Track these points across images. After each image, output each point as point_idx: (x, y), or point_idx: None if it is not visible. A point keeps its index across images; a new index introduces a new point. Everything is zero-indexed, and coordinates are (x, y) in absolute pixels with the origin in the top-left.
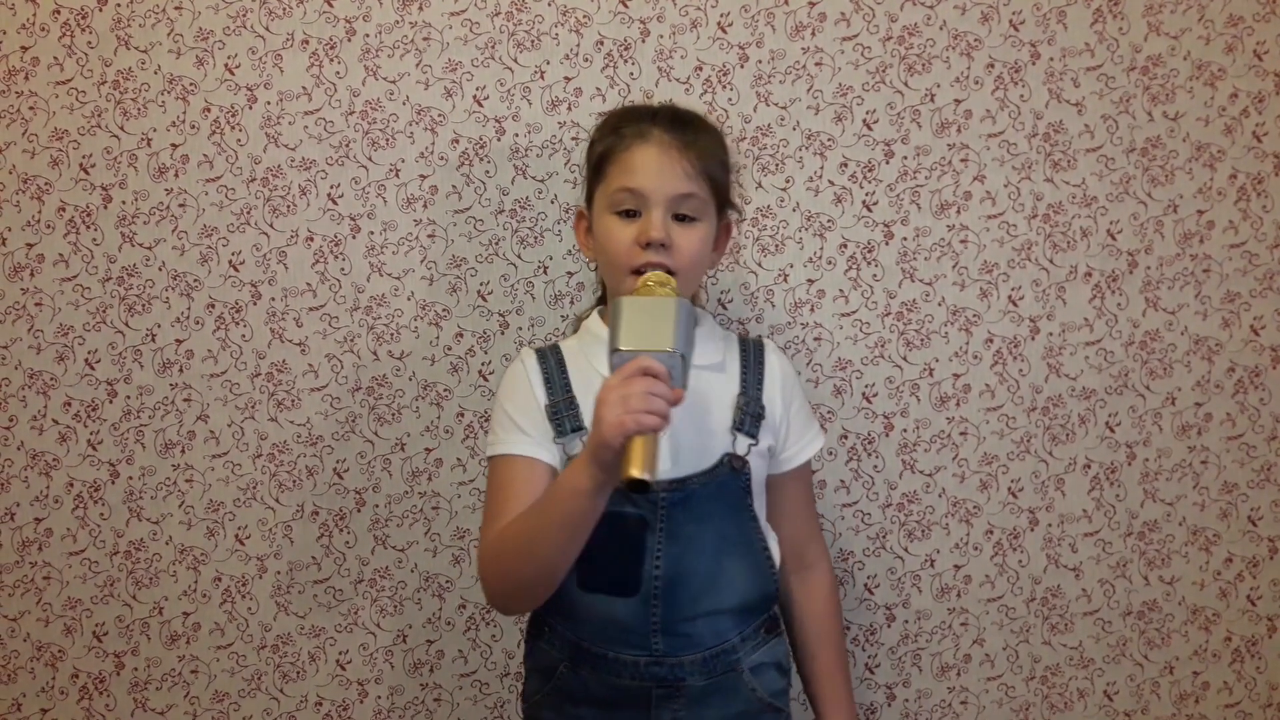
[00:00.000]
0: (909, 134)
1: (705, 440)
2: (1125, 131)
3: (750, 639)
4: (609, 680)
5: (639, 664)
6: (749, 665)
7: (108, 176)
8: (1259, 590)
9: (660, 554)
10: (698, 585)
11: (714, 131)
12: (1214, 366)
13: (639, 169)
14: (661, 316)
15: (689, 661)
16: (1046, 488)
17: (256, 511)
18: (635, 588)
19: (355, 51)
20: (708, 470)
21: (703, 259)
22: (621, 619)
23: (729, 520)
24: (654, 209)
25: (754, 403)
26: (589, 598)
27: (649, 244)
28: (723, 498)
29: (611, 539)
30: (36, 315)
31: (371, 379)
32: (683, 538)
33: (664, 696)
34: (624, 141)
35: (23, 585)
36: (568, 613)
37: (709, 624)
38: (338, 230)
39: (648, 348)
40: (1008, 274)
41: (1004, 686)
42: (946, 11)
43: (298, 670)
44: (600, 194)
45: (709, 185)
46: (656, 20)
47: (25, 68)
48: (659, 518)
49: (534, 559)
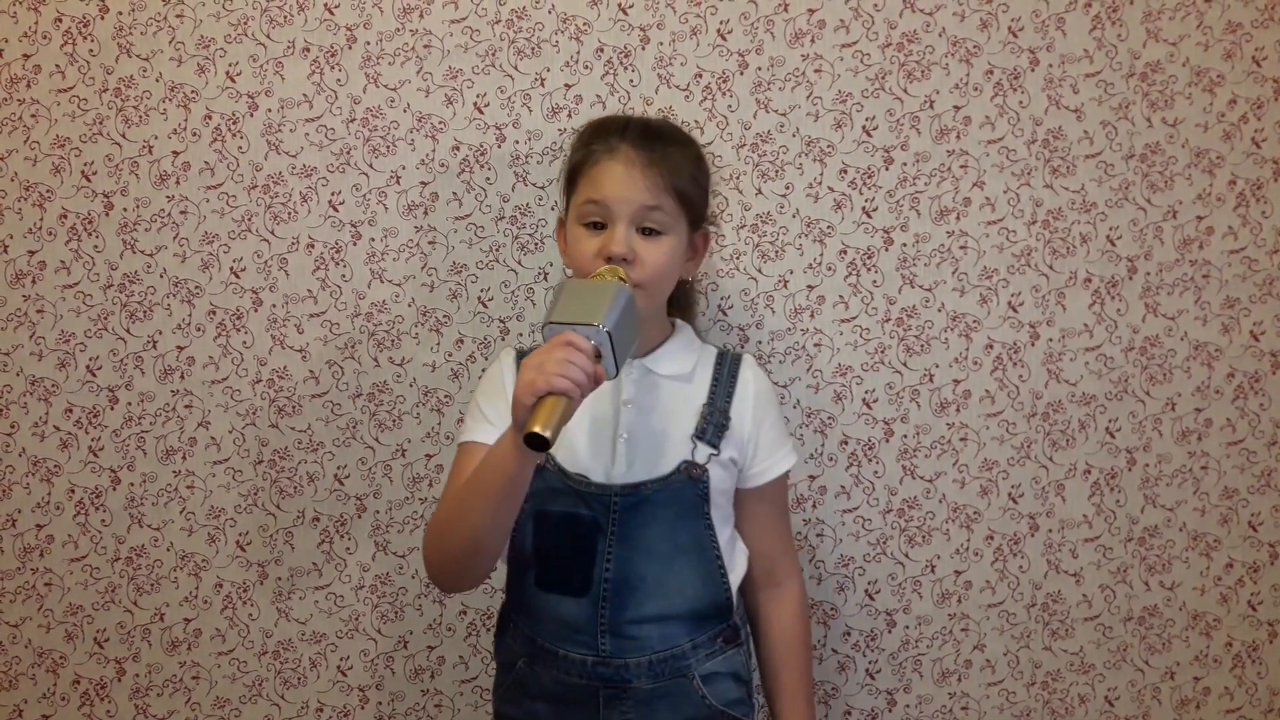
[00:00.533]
0: (908, 140)
1: (663, 447)
2: (1124, 137)
3: (704, 647)
4: (560, 678)
5: (586, 663)
6: (701, 673)
7: (109, 184)
8: (1260, 595)
9: (611, 556)
10: (646, 589)
11: (686, 145)
12: (1214, 372)
13: (604, 183)
14: (598, 296)
15: (634, 664)
16: (1047, 493)
17: (257, 517)
18: (585, 588)
19: (356, 59)
20: (663, 477)
21: (668, 272)
22: (572, 618)
23: (682, 527)
24: (618, 223)
25: (719, 413)
26: (545, 596)
27: (610, 258)
28: (676, 504)
29: (565, 539)
30: (38, 322)
31: (372, 385)
32: (633, 541)
33: (611, 697)
34: (593, 155)
35: (24, 591)
36: (527, 610)
37: (657, 628)
38: (339, 237)
39: (576, 321)
40: (1007, 280)
41: (1005, 692)
42: (945, 18)
43: (299, 676)
44: (572, 204)
45: (676, 199)
46: (656, 27)
47: (27, 75)
48: (611, 520)
49: (463, 528)
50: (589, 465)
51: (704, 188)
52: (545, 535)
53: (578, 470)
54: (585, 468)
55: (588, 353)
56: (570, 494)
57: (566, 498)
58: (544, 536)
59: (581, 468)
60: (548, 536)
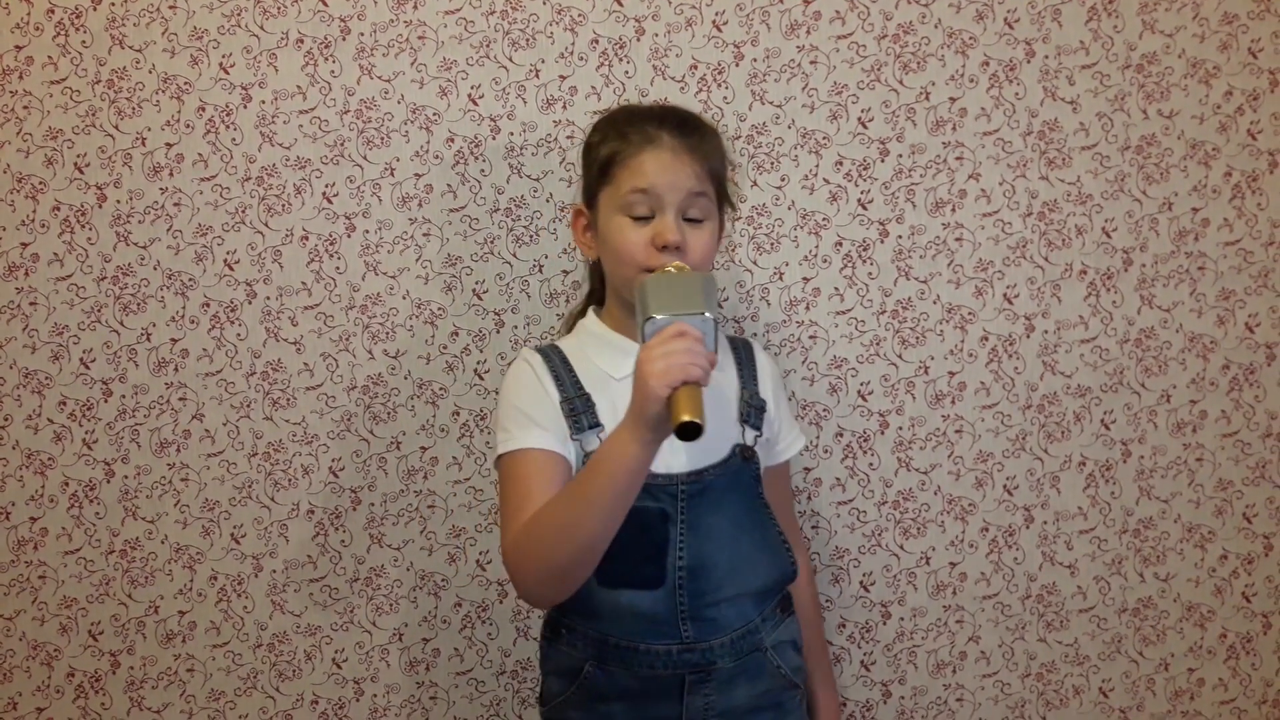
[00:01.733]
0: (904, 132)
1: (716, 433)
2: (1120, 129)
3: (770, 619)
4: (641, 672)
5: (671, 652)
6: (771, 644)
7: (102, 175)
8: (1254, 587)
9: (683, 544)
10: (720, 572)
11: (715, 132)
12: (1209, 364)
13: (651, 172)
14: (689, 287)
15: (718, 645)
16: (1042, 485)
17: (252, 510)
18: (660, 579)
19: (350, 50)
20: (721, 462)
21: (711, 258)
22: (649, 611)
23: (743, 508)
24: (668, 211)
25: (755, 396)
26: (613, 594)
27: (665, 246)
28: (736, 487)
29: (633, 533)
30: (31, 314)
31: (367, 378)
32: (702, 527)
33: (696, 681)
34: (632, 145)
35: (18, 584)
36: (590, 611)
37: (733, 607)
38: (333, 229)
39: (682, 311)
40: (1003, 272)
41: (999, 683)
42: (941, 10)
43: (294, 669)
44: (608, 196)
45: (715, 186)
46: (651, 19)
47: (19, 67)
48: (679, 510)
49: (576, 539)
50: None
51: (728, 174)
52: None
53: None
54: None
55: (702, 340)
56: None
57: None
58: None
59: None
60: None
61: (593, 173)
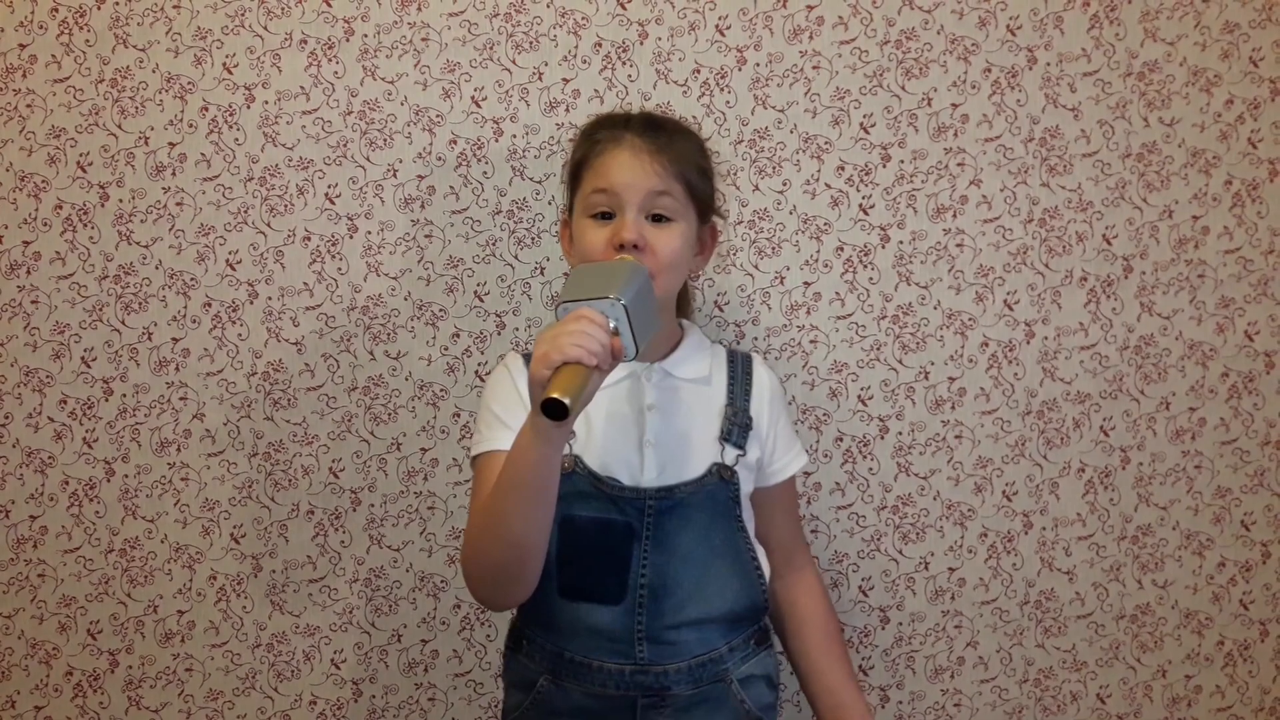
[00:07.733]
0: (906, 138)
1: (692, 449)
2: (1121, 137)
3: (739, 649)
4: (593, 690)
5: (624, 672)
6: (738, 676)
7: (105, 175)
8: (1251, 595)
9: (646, 561)
10: (683, 593)
11: (691, 136)
12: (1208, 371)
13: (611, 170)
14: (611, 274)
15: (674, 670)
16: (1041, 491)
17: (252, 510)
18: (620, 595)
19: (354, 51)
20: (695, 479)
21: (680, 260)
22: (606, 627)
23: (717, 529)
24: (627, 210)
25: (742, 414)
26: (571, 606)
27: (621, 245)
28: (710, 507)
29: (596, 546)
30: (33, 313)
31: (368, 379)
32: (669, 545)
33: (649, 706)
34: (598, 147)
35: (17, 583)
36: (548, 623)
37: (695, 632)
38: (335, 230)
39: (589, 296)
40: (1003, 278)
41: (997, 689)
42: (944, 16)
43: (292, 669)
44: (577, 199)
45: (684, 187)
46: (655, 23)
47: (23, 65)
48: (645, 525)
49: (501, 536)
50: (617, 471)
51: (710, 178)
52: (572, 541)
53: (608, 474)
54: (614, 473)
55: (603, 325)
56: (601, 498)
57: (596, 502)
58: (571, 543)
59: (610, 473)
60: (575, 543)
61: (568, 179)
